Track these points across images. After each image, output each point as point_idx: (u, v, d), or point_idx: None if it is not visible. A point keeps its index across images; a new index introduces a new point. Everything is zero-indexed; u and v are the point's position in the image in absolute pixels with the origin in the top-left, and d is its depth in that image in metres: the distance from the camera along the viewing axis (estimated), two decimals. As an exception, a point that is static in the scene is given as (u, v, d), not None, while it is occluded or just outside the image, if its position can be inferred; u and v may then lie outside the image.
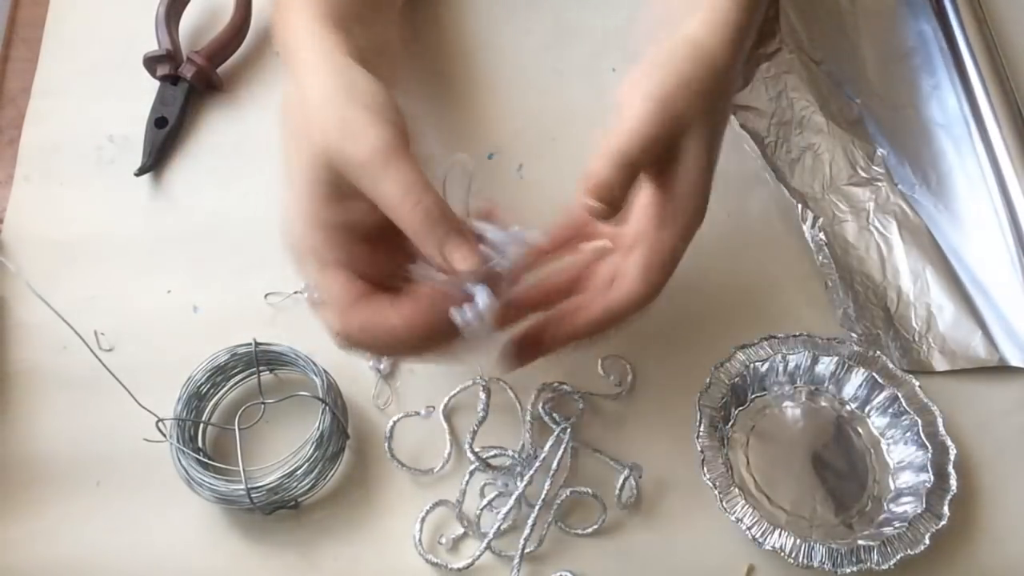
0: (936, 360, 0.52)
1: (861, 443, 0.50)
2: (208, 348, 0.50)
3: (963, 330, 0.52)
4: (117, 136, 0.60)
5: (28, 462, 0.50)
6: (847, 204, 0.56)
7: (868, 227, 0.56)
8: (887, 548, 0.45)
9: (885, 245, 0.55)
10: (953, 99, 0.60)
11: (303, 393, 0.48)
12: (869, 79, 0.60)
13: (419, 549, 0.47)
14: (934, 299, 0.53)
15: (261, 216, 0.57)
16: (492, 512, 0.47)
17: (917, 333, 0.53)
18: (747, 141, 0.57)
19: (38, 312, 0.50)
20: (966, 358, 0.52)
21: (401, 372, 0.53)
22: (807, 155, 0.57)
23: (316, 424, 0.47)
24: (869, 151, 0.57)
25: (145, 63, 0.60)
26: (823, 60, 0.60)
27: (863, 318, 0.53)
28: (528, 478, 0.47)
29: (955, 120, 0.59)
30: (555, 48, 0.62)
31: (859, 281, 0.54)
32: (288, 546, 0.48)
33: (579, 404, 0.51)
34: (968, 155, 0.58)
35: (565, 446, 0.48)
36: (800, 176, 0.57)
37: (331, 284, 0.39)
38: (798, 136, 0.58)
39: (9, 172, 0.59)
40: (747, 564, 0.47)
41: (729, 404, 0.50)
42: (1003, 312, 0.53)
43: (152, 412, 0.46)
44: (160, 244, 0.56)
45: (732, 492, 0.46)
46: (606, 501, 0.48)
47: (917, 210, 0.56)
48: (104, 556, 0.48)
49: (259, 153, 0.59)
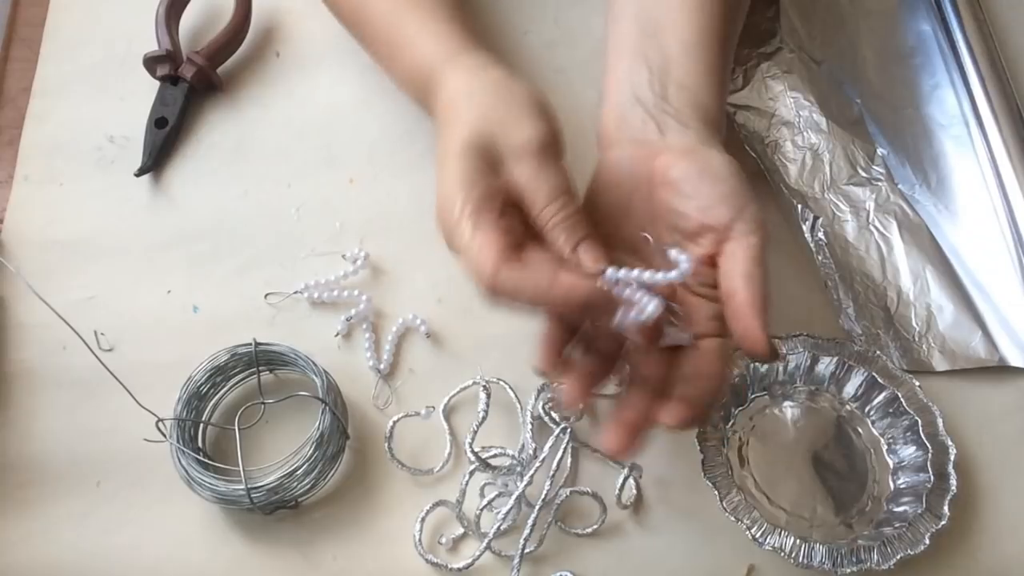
0: (936, 360, 0.52)
1: (861, 443, 0.50)
2: (208, 348, 0.50)
3: (963, 330, 0.52)
4: (117, 136, 0.60)
5: (28, 462, 0.50)
6: (847, 204, 0.56)
7: (868, 227, 0.56)
8: (887, 548, 0.45)
9: (885, 245, 0.55)
10: (953, 99, 0.60)
11: (303, 393, 0.48)
12: (869, 79, 0.60)
13: (419, 549, 0.47)
14: (934, 299, 0.53)
15: (261, 216, 0.57)
16: (492, 512, 0.47)
17: (917, 333, 0.53)
18: (747, 141, 0.57)
19: (38, 312, 0.50)
20: (966, 358, 0.52)
21: (401, 372, 0.53)
22: (807, 155, 0.57)
23: (316, 424, 0.47)
24: (869, 151, 0.57)
25: (145, 63, 0.60)
26: (823, 60, 0.60)
27: (863, 318, 0.53)
28: (528, 478, 0.47)
29: (955, 120, 0.59)
30: (555, 48, 0.62)
31: (859, 281, 0.54)
32: (288, 546, 0.48)
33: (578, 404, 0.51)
34: (968, 155, 0.58)
35: (565, 446, 0.48)
36: (800, 176, 0.57)
37: (486, 240, 0.40)
38: (798, 136, 0.58)
39: (9, 172, 0.59)
40: (747, 564, 0.47)
41: (729, 404, 0.50)
42: (1003, 312, 0.53)
43: (152, 412, 0.46)
44: (160, 244, 0.56)
45: (732, 492, 0.46)
46: (606, 501, 0.48)
47: (917, 210, 0.56)
48: (104, 556, 0.48)
49: (259, 153, 0.59)
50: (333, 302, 0.54)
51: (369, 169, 0.58)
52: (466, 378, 0.51)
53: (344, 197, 0.57)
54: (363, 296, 0.54)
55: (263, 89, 0.61)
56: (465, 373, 0.51)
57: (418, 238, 0.56)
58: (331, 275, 0.54)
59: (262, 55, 0.63)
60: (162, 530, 0.49)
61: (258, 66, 0.62)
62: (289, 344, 0.50)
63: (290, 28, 0.63)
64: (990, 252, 0.55)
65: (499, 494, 0.48)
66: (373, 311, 0.54)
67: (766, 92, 0.59)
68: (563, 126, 0.60)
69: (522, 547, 0.46)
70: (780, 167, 0.57)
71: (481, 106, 0.43)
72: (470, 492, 0.48)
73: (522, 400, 0.50)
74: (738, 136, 0.57)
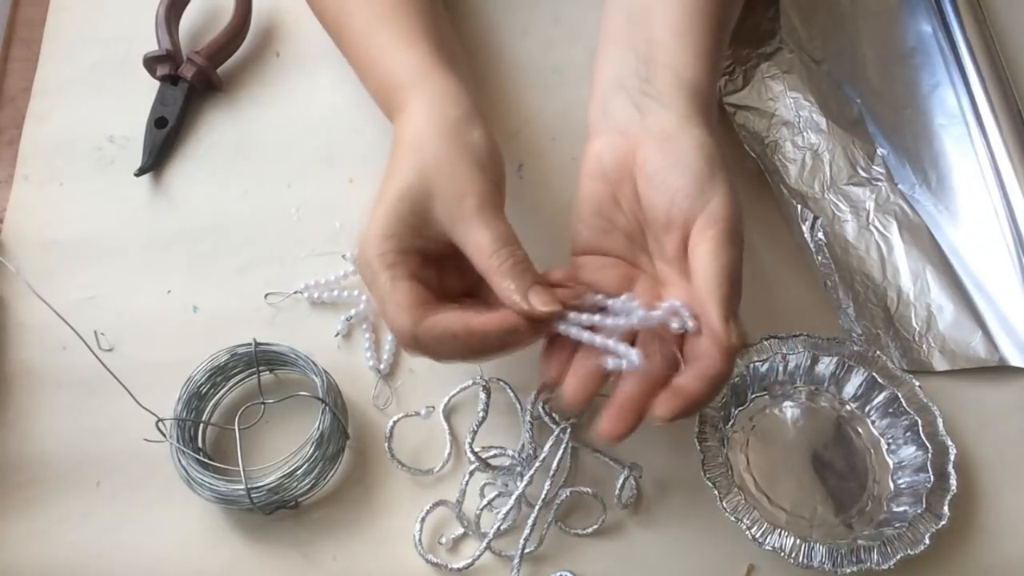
0: (936, 360, 0.52)
1: (861, 443, 0.50)
2: (208, 348, 0.50)
3: (963, 330, 0.52)
4: (117, 136, 0.60)
5: (28, 462, 0.50)
6: (847, 204, 0.56)
7: (868, 227, 0.56)
8: (887, 548, 0.45)
9: (885, 245, 0.55)
10: (953, 99, 0.60)
11: (303, 393, 0.48)
12: (869, 79, 0.60)
13: (419, 549, 0.47)
14: (934, 299, 0.53)
15: (261, 216, 0.57)
16: (492, 512, 0.48)
17: (917, 333, 0.53)
18: (747, 142, 0.57)
19: (38, 312, 0.50)
20: (966, 358, 0.52)
21: (401, 372, 0.53)
22: (807, 155, 0.57)
23: (316, 424, 0.47)
24: (869, 151, 0.57)
25: (145, 63, 0.60)
26: (823, 60, 0.60)
27: (863, 318, 0.53)
28: (528, 478, 0.47)
29: (955, 120, 0.59)
30: (555, 48, 0.62)
31: (859, 281, 0.54)
32: (288, 546, 0.48)
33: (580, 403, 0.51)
34: (968, 155, 0.58)
35: (565, 446, 0.48)
36: (800, 176, 0.57)
37: (405, 293, 0.41)
38: (798, 136, 0.58)
39: (9, 172, 0.59)
40: (747, 564, 0.47)
41: (729, 404, 0.50)
42: (1003, 312, 0.53)
43: (152, 412, 0.46)
44: (160, 244, 0.56)
45: (732, 492, 0.46)
46: (606, 501, 0.48)
47: (917, 210, 0.56)
48: (104, 556, 0.48)
49: (259, 153, 0.59)
50: (333, 302, 0.54)
51: (369, 169, 0.58)
52: (466, 378, 0.51)
53: (344, 197, 0.57)
54: (363, 296, 0.54)
55: (263, 89, 0.61)
56: (465, 373, 0.51)
57: (418, 238, 0.56)
58: (331, 275, 0.54)
59: (262, 55, 0.63)
60: (162, 530, 0.49)
61: (258, 66, 0.62)
62: (289, 344, 0.50)
63: (290, 28, 0.63)
64: (990, 252, 0.55)
65: (499, 494, 0.48)
66: (373, 311, 0.54)
67: (766, 92, 0.59)
68: (563, 126, 0.60)
69: (522, 547, 0.46)
70: (780, 167, 0.57)
71: (426, 157, 0.43)
72: (470, 492, 0.48)
73: (522, 400, 0.50)
74: (738, 136, 0.57)
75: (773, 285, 0.55)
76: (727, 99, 0.59)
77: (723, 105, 0.59)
